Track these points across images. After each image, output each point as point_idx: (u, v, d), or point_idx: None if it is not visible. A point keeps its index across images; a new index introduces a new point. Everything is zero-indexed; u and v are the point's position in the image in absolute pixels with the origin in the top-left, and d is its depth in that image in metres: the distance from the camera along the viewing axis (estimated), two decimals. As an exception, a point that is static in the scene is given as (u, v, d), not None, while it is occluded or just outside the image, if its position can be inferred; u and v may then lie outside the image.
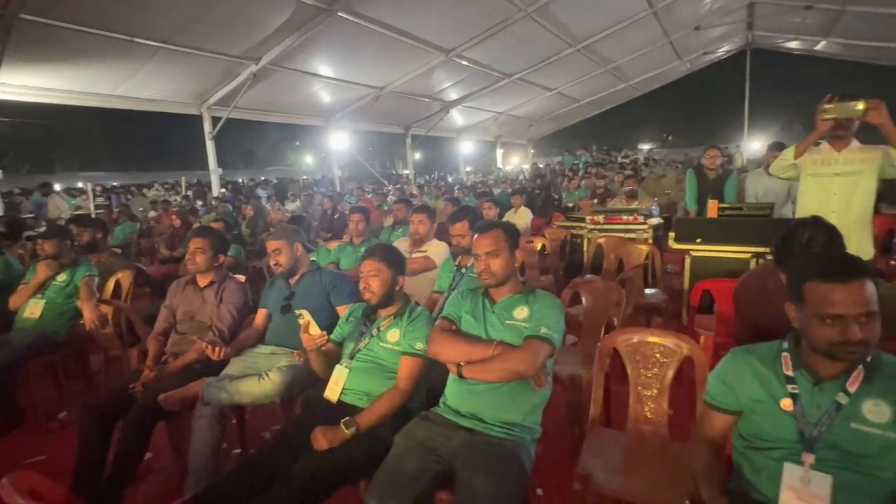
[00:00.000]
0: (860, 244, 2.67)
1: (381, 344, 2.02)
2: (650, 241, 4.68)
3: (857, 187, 2.70)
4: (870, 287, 1.22)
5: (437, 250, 3.27)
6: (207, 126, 9.01)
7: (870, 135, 2.68)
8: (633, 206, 5.39)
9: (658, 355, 1.99)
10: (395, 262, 2.08)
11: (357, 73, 9.28)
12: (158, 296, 4.01)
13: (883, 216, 4.87)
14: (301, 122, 11.38)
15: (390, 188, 12.77)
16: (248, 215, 7.02)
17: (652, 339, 2.00)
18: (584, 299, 2.86)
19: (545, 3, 7.72)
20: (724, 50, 14.38)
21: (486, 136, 17.35)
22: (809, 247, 1.76)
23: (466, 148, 15.98)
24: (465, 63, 9.58)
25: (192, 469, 2.09)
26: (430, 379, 2.02)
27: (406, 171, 14.53)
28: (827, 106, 2.51)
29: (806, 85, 19.68)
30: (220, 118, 8.88)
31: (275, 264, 2.54)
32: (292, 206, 10.18)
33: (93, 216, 6.94)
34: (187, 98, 8.60)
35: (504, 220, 6.10)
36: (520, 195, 6.42)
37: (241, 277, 3.00)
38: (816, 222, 1.82)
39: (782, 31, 11.87)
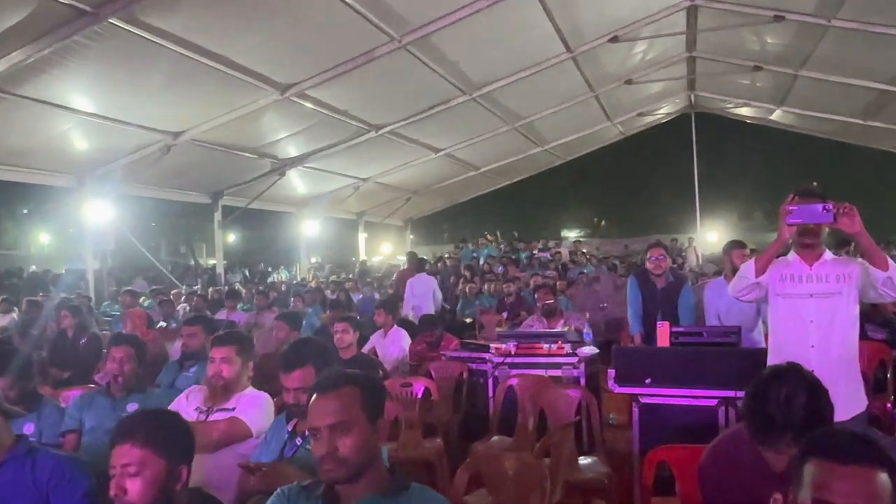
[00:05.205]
0: (849, 391, 3.03)
1: None
2: (583, 381, 4.90)
3: (837, 313, 3.12)
4: (882, 480, 1.36)
5: (252, 408, 3.09)
6: None
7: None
8: (558, 329, 5.67)
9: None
10: (176, 442, 1.95)
11: (136, 111, 9.08)
12: None
13: (870, 343, 5.65)
14: (32, 181, 10.66)
15: (182, 292, 12.20)
16: None
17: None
18: (487, 487, 2.85)
19: (425, 34, 8.40)
20: (663, 112, 16.75)
21: (342, 213, 17.71)
22: (789, 409, 1.94)
23: (311, 229, 16.03)
24: (309, 106, 9.91)
25: None
26: None
27: (213, 262, 14.06)
28: (790, 208, 2.94)
29: (762, 160, 23.66)
30: None
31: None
32: (4, 320, 9.20)
33: None
34: None
35: (367, 346, 6.10)
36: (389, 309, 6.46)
37: None
38: (794, 374, 2.04)
39: (730, 95, 14.27)
